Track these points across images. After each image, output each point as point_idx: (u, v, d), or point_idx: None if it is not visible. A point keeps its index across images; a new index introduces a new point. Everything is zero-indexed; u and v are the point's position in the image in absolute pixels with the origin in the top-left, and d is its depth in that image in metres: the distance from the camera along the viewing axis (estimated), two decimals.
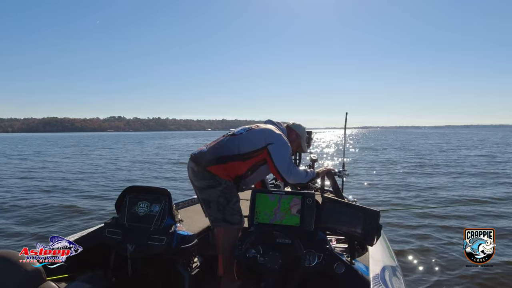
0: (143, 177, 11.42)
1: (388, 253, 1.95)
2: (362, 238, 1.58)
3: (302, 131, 2.16)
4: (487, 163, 13.20)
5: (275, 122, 2.10)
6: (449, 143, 29.74)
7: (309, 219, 1.71)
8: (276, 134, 1.93)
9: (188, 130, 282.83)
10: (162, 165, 15.12)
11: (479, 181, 8.94)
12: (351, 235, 1.62)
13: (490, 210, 5.73)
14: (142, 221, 1.85)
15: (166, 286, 1.89)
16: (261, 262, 1.61)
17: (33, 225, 5.45)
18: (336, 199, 1.83)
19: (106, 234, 1.87)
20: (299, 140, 2.15)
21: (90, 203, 6.95)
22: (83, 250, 1.57)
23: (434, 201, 6.84)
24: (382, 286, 1.39)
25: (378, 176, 10.55)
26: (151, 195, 1.91)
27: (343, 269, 1.58)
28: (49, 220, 5.75)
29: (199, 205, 2.09)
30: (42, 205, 6.76)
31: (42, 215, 6.03)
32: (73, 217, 5.90)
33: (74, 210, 6.34)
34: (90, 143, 35.42)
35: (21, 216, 5.99)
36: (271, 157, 1.85)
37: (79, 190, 8.56)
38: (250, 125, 2.06)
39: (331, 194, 2.96)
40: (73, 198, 7.51)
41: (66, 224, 5.46)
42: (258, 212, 1.79)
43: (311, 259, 1.60)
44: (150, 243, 1.76)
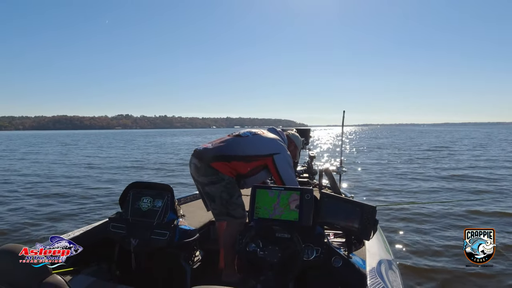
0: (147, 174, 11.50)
1: (384, 248, 1.98)
2: (359, 232, 1.60)
3: (299, 143, 2.35)
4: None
5: (278, 130, 2.21)
6: (440, 138, 29.85)
7: (308, 214, 1.73)
8: (282, 146, 2.05)
9: (193, 128, 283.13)
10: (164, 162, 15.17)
11: (478, 180, 9.02)
12: (348, 229, 1.65)
13: (490, 209, 5.76)
14: (145, 216, 1.88)
15: (169, 279, 1.92)
16: (260, 255, 1.65)
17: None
18: (333, 194, 1.85)
19: (110, 228, 1.90)
20: (296, 151, 2.33)
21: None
22: (88, 244, 1.61)
23: (432, 197, 6.90)
24: (378, 279, 1.41)
25: (375, 172, 10.60)
26: (154, 191, 1.94)
27: (340, 262, 1.61)
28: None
29: (201, 200, 2.13)
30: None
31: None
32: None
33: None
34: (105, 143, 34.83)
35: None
36: (276, 166, 1.97)
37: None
38: (255, 129, 2.17)
39: (329, 190, 3.01)
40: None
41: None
42: (258, 207, 1.82)
43: (309, 253, 1.63)
44: (153, 237, 1.80)
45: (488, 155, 15.35)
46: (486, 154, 15.84)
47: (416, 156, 15.46)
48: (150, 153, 20.58)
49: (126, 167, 13.36)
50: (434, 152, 17.44)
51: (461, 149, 18.92)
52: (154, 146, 28.36)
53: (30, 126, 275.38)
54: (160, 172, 11.66)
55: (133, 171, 12.21)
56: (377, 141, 28.48)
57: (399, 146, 23.38)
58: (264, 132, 2.12)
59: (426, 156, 15.68)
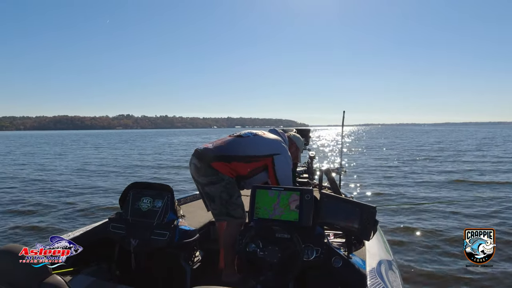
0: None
1: (384, 248, 1.98)
2: (359, 233, 1.60)
3: (300, 144, 2.34)
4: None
5: (279, 131, 2.21)
6: (441, 139, 29.84)
7: (308, 215, 1.73)
8: (283, 147, 2.05)
9: (194, 128, 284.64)
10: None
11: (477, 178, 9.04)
12: (348, 230, 1.65)
13: (489, 209, 5.77)
14: (145, 216, 1.89)
15: (169, 279, 1.93)
16: (260, 256, 1.65)
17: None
18: (333, 195, 1.86)
19: (110, 229, 1.90)
20: (297, 152, 2.33)
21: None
22: (88, 244, 1.61)
23: (433, 198, 6.90)
24: (378, 280, 1.42)
25: (375, 172, 10.62)
26: (154, 191, 1.94)
27: (340, 263, 1.61)
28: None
29: (201, 200, 2.13)
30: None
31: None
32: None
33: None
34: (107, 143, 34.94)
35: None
36: (274, 167, 1.98)
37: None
38: (256, 130, 2.18)
39: (329, 190, 3.01)
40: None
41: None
42: (258, 207, 1.83)
43: (309, 253, 1.63)
44: (153, 238, 1.80)
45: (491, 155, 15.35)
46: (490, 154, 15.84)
47: (418, 156, 15.47)
48: (149, 154, 20.61)
49: (125, 166, 13.42)
50: (439, 152, 17.45)
51: (466, 149, 18.93)
52: (153, 146, 28.43)
53: (31, 126, 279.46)
54: (160, 171, 11.70)
55: (133, 170, 12.26)
56: (378, 141, 28.43)
57: (402, 146, 23.38)
58: (265, 133, 2.13)
59: (428, 156, 15.70)
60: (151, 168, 13.14)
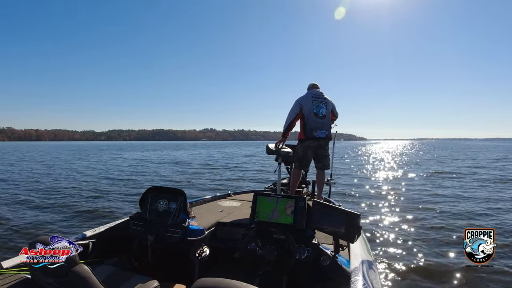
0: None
1: (366, 250, 2.17)
2: (345, 236, 1.77)
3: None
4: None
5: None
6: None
7: (301, 219, 1.96)
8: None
9: (266, 140, 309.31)
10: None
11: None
12: (335, 233, 1.83)
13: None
14: (161, 216, 2.14)
15: (180, 271, 2.15)
16: (259, 253, 1.88)
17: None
18: (324, 203, 2.03)
19: (130, 226, 2.16)
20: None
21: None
22: (111, 238, 1.82)
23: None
24: (360, 277, 1.58)
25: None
26: (169, 194, 2.19)
27: (328, 261, 1.82)
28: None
29: (210, 203, 2.38)
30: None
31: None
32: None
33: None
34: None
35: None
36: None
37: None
38: (319, 101, 3.67)
39: (324, 199, 3.26)
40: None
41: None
42: (258, 212, 2.06)
43: (301, 252, 1.87)
44: (167, 235, 2.05)
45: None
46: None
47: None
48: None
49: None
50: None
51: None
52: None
53: (135, 137, 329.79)
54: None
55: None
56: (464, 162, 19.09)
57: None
58: (326, 98, 3.80)
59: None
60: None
